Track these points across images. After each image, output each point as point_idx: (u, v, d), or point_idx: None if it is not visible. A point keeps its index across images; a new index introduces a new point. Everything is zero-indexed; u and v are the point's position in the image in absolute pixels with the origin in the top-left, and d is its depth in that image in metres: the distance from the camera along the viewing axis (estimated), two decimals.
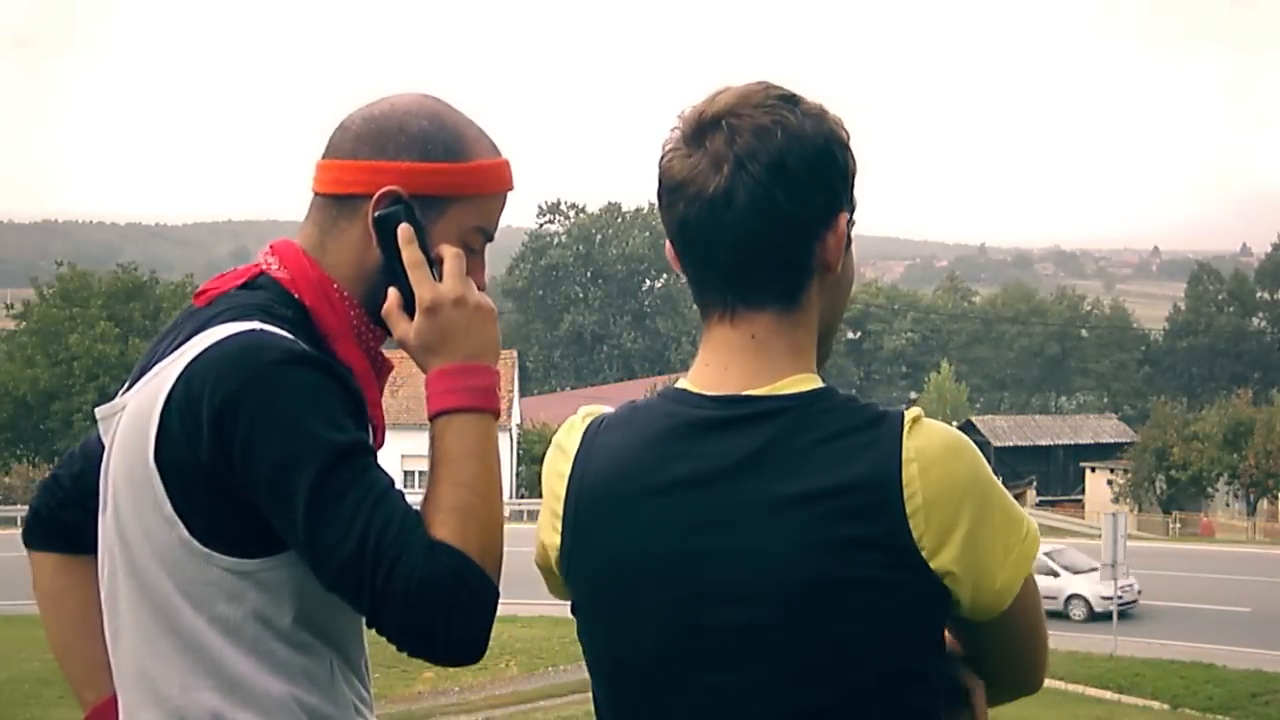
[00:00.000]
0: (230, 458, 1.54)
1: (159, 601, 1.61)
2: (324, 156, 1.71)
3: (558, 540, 1.54)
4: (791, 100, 1.50)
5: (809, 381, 1.48)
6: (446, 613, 1.52)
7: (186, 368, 1.58)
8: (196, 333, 1.62)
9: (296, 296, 1.68)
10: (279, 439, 1.54)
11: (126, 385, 1.71)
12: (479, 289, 1.70)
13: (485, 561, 1.56)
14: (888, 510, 1.39)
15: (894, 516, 1.39)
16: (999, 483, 1.48)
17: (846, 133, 1.52)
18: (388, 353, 1.81)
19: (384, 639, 1.57)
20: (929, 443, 1.43)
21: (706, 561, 1.43)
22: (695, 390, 1.51)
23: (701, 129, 1.48)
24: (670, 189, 1.49)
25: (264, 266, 1.71)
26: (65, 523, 1.84)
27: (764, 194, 1.44)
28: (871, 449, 1.42)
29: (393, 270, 1.65)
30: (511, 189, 1.77)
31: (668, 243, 1.55)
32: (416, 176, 1.67)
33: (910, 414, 1.44)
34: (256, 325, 1.59)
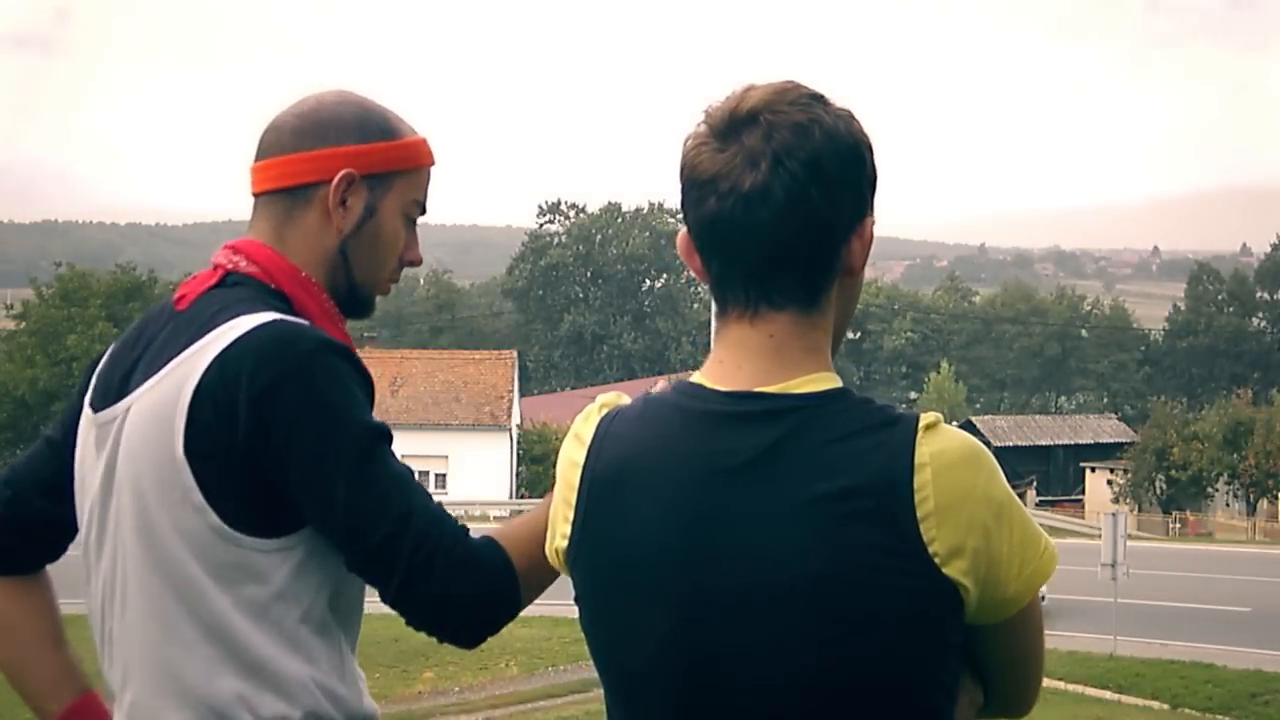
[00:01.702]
0: (269, 441, 1.62)
1: (186, 590, 1.66)
2: (259, 159, 1.81)
3: (568, 529, 1.54)
4: (822, 100, 1.49)
5: (824, 381, 1.47)
6: (472, 596, 1.68)
7: (217, 358, 1.65)
8: (204, 330, 1.68)
9: (273, 287, 1.75)
10: (320, 423, 1.64)
11: (102, 391, 1.77)
12: (417, 262, 1.87)
13: (527, 577, 1.72)
14: (898, 514, 1.38)
15: (905, 521, 1.38)
16: (1017, 498, 1.47)
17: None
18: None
19: (401, 614, 1.69)
20: (944, 449, 1.41)
21: (712, 558, 1.43)
22: (708, 385, 1.50)
23: (735, 124, 1.46)
24: (700, 184, 1.46)
25: (230, 266, 1.77)
26: (5, 548, 1.88)
27: (800, 191, 1.43)
28: (883, 451, 1.40)
29: None
30: (435, 163, 1.89)
31: (682, 240, 1.53)
32: (363, 157, 1.79)
33: (926, 418, 1.43)
34: (277, 315, 1.68)
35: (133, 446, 1.69)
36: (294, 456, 1.63)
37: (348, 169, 1.78)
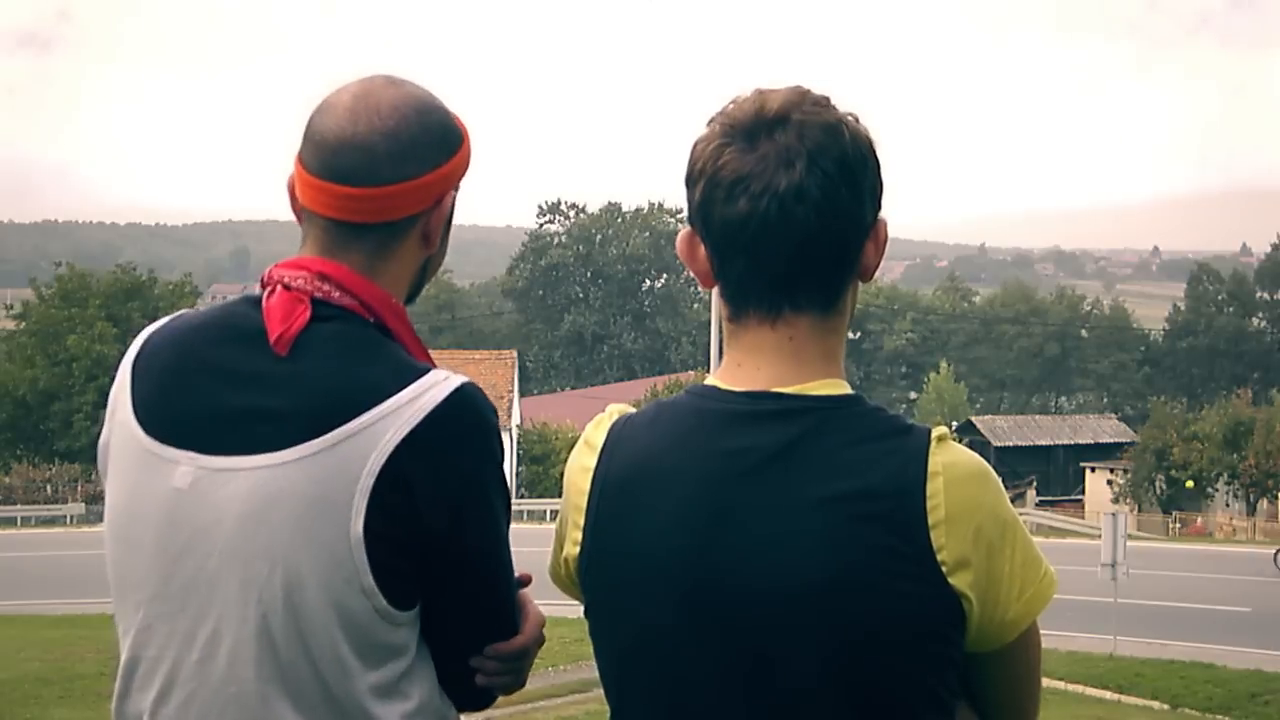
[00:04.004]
0: (461, 524, 1.56)
1: (329, 672, 1.55)
2: (346, 183, 1.60)
3: (579, 535, 1.53)
4: (830, 103, 1.50)
5: (839, 386, 1.48)
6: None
7: (408, 439, 1.52)
8: (362, 394, 1.54)
9: (372, 321, 1.62)
10: (502, 506, 1.62)
11: (169, 424, 1.59)
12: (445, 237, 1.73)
13: None
14: (910, 519, 1.39)
15: (916, 526, 1.39)
16: (1022, 522, 1.47)
17: None
18: None
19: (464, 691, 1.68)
20: (957, 461, 1.43)
21: (727, 556, 1.43)
22: (724, 386, 1.50)
23: (763, 125, 1.45)
24: (728, 184, 1.44)
25: (319, 294, 1.61)
26: None
27: (833, 191, 1.44)
28: (897, 457, 1.41)
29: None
30: None
31: (684, 241, 1.52)
32: (458, 172, 1.68)
33: (937, 430, 1.44)
34: (457, 381, 1.58)
35: (280, 514, 1.53)
36: (477, 540, 1.59)
37: (452, 191, 1.67)
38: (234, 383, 1.58)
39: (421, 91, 1.67)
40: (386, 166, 1.60)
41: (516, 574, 1.69)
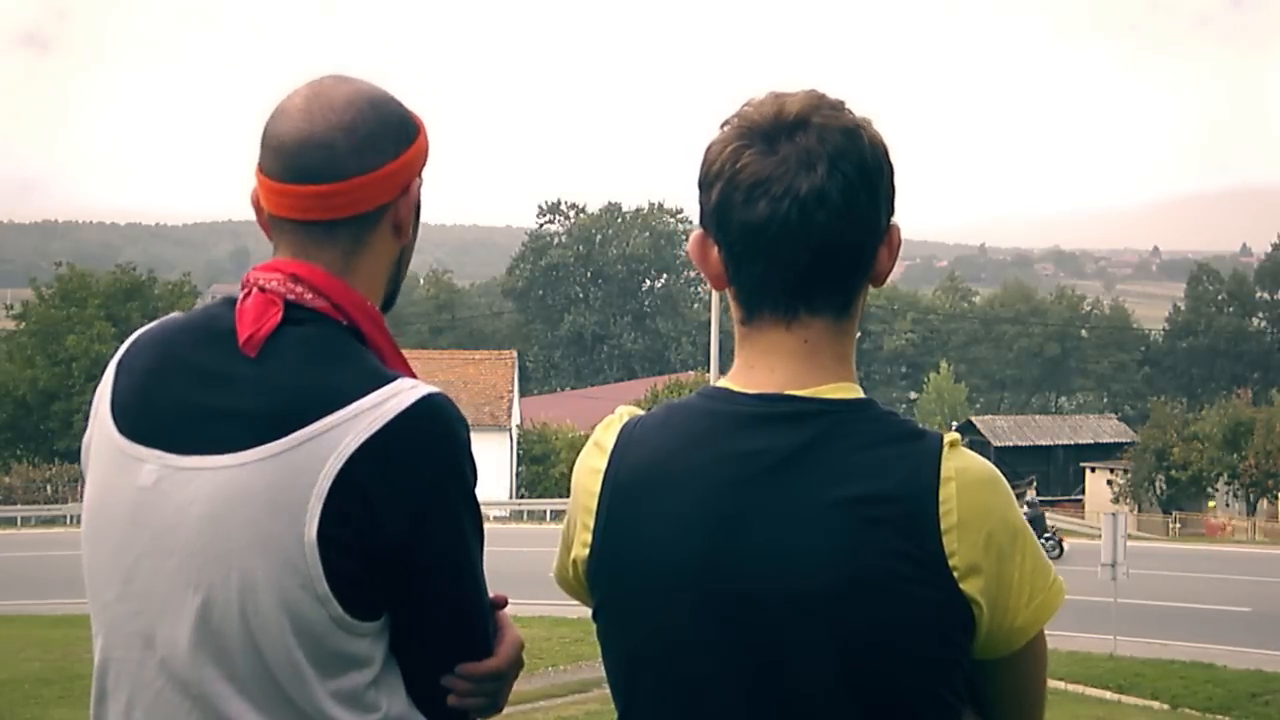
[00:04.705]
0: (422, 536, 1.53)
1: (285, 678, 1.53)
2: (312, 182, 1.60)
3: (589, 537, 1.52)
4: (845, 107, 1.50)
5: (852, 390, 1.48)
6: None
7: (368, 445, 1.50)
8: (324, 398, 1.52)
9: (345, 325, 1.61)
10: (470, 521, 1.58)
11: (142, 422, 1.59)
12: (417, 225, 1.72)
13: None
14: (922, 524, 1.39)
15: (928, 531, 1.39)
16: (1031, 530, 1.48)
17: None
18: None
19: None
20: (968, 466, 1.43)
21: (739, 560, 1.42)
22: (737, 389, 1.49)
23: (782, 128, 1.45)
24: (747, 187, 1.44)
25: (292, 296, 1.60)
26: None
27: (853, 195, 1.44)
28: (909, 461, 1.41)
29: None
30: None
31: (696, 242, 1.52)
32: (421, 157, 1.67)
33: (949, 436, 1.44)
34: (422, 392, 1.55)
35: (238, 516, 1.51)
36: (440, 552, 1.56)
37: (417, 177, 1.66)
38: (204, 383, 1.58)
39: (372, 86, 1.67)
40: (349, 159, 1.60)
41: (492, 595, 1.66)
